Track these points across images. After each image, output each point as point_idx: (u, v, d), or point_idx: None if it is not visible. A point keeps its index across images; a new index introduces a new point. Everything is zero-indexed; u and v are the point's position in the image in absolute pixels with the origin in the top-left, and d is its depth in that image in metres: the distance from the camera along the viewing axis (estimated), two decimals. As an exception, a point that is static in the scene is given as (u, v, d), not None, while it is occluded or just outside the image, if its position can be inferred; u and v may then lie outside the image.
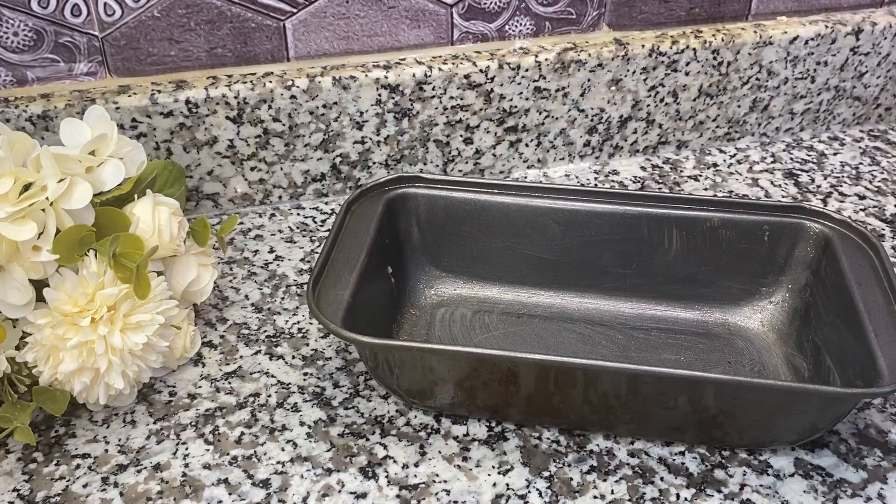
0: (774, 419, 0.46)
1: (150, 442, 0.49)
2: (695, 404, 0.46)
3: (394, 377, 0.49)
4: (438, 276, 0.60)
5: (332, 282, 0.50)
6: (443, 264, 0.60)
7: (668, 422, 0.47)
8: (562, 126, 0.73)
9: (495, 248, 0.59)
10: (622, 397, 0.47)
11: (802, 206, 0.55)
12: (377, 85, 0.65)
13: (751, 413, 0.46)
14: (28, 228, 0.44)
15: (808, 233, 0.55)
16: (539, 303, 0.58)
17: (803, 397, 0.45)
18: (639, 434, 0.49)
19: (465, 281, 0.60)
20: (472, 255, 0.59)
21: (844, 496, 0.46)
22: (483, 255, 0.59)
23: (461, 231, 0.58)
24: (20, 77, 0.60)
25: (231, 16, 0.62)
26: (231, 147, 0.65)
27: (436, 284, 0.59)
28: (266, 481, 0.46)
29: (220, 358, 0.54)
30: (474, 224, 0.58)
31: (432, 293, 0.59)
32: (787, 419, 0.46)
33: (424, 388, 0.49)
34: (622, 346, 0.55)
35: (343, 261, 0.51)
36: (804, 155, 0.78)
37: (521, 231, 0.58)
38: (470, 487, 0.46)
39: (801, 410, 0.46)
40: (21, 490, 0.46)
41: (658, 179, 0.74)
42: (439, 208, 0.58)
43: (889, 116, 0.83)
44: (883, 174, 0.75)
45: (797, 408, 0.46)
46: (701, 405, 0.46)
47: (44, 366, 0.46)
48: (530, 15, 0.69)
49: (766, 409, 0.46)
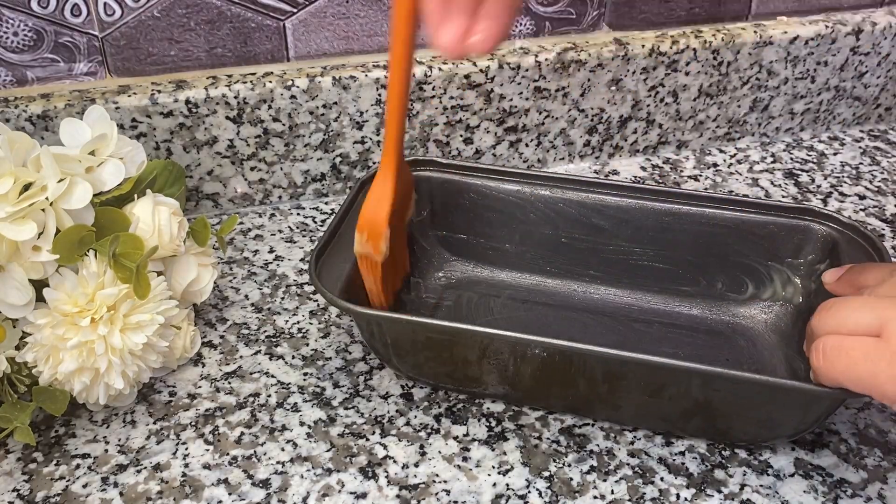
0: (755, 414, 0.46)
1: (149, 442, 0.49)
2: (671, 393, 0.46)
3: (389, 350, 0.50)
4: (448, 259, 0.60)
5: (336, 254, 0.51)
6: (453, 248, 0.60)
7: (645, 409, 0.48)
8: (562, 126, 0.73)
9: (506, 235, 0.59)
10: (596, 381, 0.47)
11: (812, 209, 0.55)
12: (377, 85, 0.65)
13: (729, 406, 0.46)
14: (28, 228, 0.44)
15: (816, 235, 0.54)
16: (545, 290, 0.59)
17: (779, 393, 0.45)
18: (617, 419, 0.50)
19: (474, 265, 0.60)
20: (483, 240, 0.60)
21: (844, 496, 0.46)
22: (494, 241, 0.60)
23: (473, 216, 0.59)
24: (20, 77, 0.60)
25: (231, 16, 0.62)
26: (231, 147, 0.65)
27: (445, 267, 0.60)
28: (266, 481, 0.46)
29: (220, 358, 0.54)
30: (487, 210, 0.59)
31: (441, 276, 0.60)
32: (769, 415, 0.46)
33: (417, 360, 0.50)
34: (621, 336, 0.55)
35: (350, 235, 0.51)
36: (804, 155, 0.78)
37: (532, 219, 0.58)
38: (470, 487, 0.46)
39: (780, 407, 0.46)
40: (21, 490, 0.46)
41: (658, 179, 0.74)
42: (453, 192, 0.59)
43: (889, 116, 0.83)
44: (883, 174, 0.75)
45: (775, 404, 0.46)
46: (676, 394, 0.46)
47: (44, 366, 0.46)
48: (530, 15, 0.69)
49: (744, 403, 0.46)
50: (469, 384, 0.50)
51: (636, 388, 0.47)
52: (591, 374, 0.47)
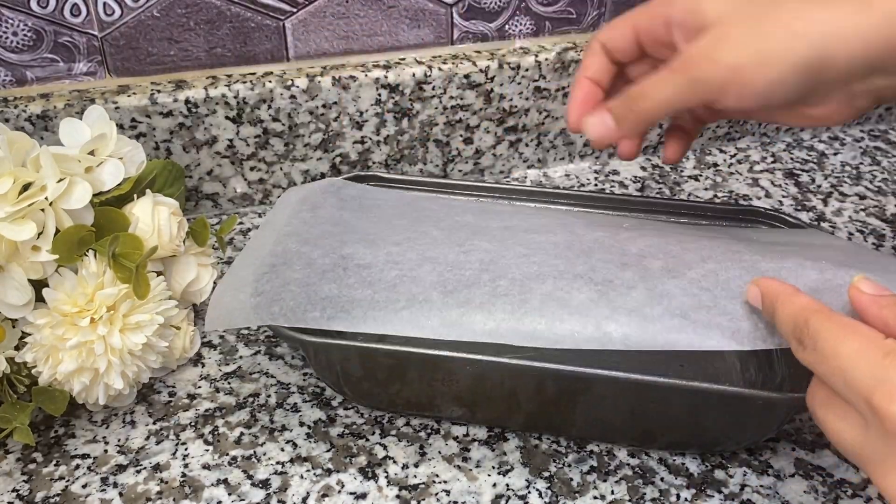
0: (697, 420, 0.46)
1: (149, 442, 0.49)
2: (612, 403, 0.46)
3: (338, 377, 0.49)
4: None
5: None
6: None
7: (592, 419, 0.47)
8: (562, 126, 0.72)
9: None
10: (536, 394, 0.46)
11: (757, 209, 0.56)
12: (377, 85, 0.65)
13: (676, 413, 0.46)
14: (27, 228, 0.44)
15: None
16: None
17: (709, 398, 0.44)
18: (561, 432, 0.49)
19: None
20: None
21: (845, 496, 0.46)
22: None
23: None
24: (19, 77, 0.60)
25: (230, 15, 0.62)
26: (230, 147, 0.65)
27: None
28: (266, 481, 0.46)
29: (219, 358, 0.54)
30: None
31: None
32: (712, 421, 0.46)
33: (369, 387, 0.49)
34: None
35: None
36: (804, 155, 0.78)
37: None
38: (470, 488, 0.46)
39: (720, 413, 0.45)
40: (20, 490, 0.46)
41: (658, 179, 0.74)
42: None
43: (889, 116, 0.83)
44: (883, 174, 0.75)
45: (714, 410, 0.45)
46: (615, 405, 0.46)
47: (43, 366, 0.46)
48: (530, 14, 0.69)
49: (684, 409, 0.46)
50: (423, 409, 0.49)
51: (568, 398, 0.46)
52: (529, 388, 0.46)
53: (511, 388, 0.46)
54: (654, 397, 0.45)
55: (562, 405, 0.47)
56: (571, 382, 0.45)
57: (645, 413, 0.46)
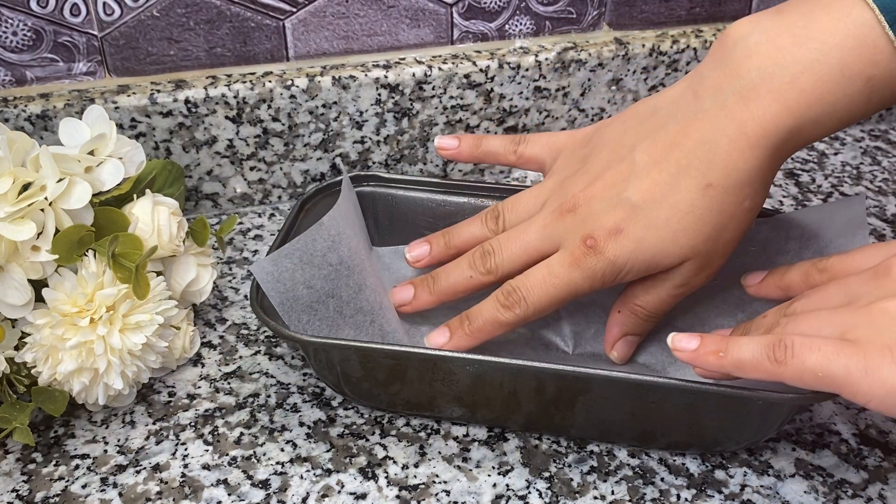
0: (697, 420, 0.46)
1: (149, 442, 0.48)
2: (612, 403, 0.46)
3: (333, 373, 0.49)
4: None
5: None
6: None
7: (592, 420, 0.47)
8: (562, 126, 0.72)
9: None
10: (536, 394, 0.46)
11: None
12: (377, 84, 0.65)
13: (676, 413, 0.46)
14: (27, 228, 0.44)
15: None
16: None
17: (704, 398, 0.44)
18: (561, 432, 0.49)
19: None
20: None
21: (845, 496, 0.46)
22: None
23: (418, 231, 0.57)
24: (19, 76, 0.60)
25: (230, 15, 0.62)
26: (230, 147, 0.65)
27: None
28: (265, 482, 0.46)
29: (219, 358, 0.54)
30: (431, 224, 0.58)
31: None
32: (712, 422, 0.46)
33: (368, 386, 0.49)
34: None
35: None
36: (805, 154, 0.78)
37: None
38: (470, 488, 0.46)
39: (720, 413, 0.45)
40: (20, 490, 0.46)
41: (658, 179, 0.73)
42: (395, 207, 0.58)
43: (890, 116, 0.83)
44: (884, 174, 0.75)
45: (709, 410, 0.45)
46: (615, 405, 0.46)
47: (43, 366, 0.46)
48: (530, 14, 0.69)
49: (684, 410, 0.45)
50: (423, 409, 0.49)
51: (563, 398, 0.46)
52: (542, 389, 0.46)
53: (511, 389, 0.46)
54: (655, 398, 0.45)
55: (562, 405, 0.47)
56: (571, 383, 0.45)
57: (645, 413, 0.46)
